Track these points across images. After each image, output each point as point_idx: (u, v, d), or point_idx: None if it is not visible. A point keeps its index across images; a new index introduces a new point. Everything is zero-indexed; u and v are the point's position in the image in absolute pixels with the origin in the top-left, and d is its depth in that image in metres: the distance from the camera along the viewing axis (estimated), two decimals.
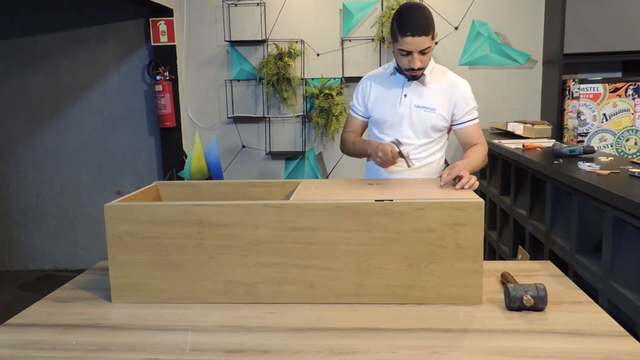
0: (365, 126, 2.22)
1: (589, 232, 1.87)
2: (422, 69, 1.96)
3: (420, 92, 2.03)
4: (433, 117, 2.02)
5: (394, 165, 1.97)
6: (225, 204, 1.55)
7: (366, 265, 1.52)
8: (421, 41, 1.87)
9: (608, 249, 1.62)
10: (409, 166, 1.93)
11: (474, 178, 1.75)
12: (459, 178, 1.75)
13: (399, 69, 2.03)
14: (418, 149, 2.05)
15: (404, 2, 1.90)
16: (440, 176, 1.85)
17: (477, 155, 1.99)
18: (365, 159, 2.20)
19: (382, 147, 1.89)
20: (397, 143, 1.94)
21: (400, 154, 1.91)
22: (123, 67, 4.02)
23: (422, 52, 1.91)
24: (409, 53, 1.90)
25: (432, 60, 2.04)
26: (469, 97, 2.04)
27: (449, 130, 2.12)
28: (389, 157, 1.88)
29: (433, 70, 2.05)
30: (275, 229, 1.53)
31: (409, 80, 2.03)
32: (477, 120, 2.08)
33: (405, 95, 2.04)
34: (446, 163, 2.15)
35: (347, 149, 2.20)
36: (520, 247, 2.54)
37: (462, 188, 1.72)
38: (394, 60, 2.07)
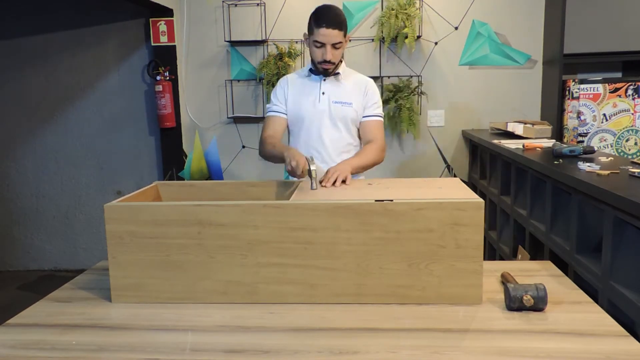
0: (285, 126, 2.26)
1: (589, 232, 1.87)
2: (333, 63, 2.12)
3: (336, 89, 2.20)
4: (351, 111, 2.18)
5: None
6: (225, 204, 1.55)
7: (366, 265, 1.52)
8: (334, 34, 2.04)
9: (608, 249, 1.62)
10: (312, 188, 1.79)
11: (336, 175, 1.88)
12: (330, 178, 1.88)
13: (313, 70, 2.20)
14: (340, 143, 2.18)
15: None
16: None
17: (367, 153, 2.13)
18: None
19: (297, 159, 1.87)
20: (311, 160, 1.84)
21: (310, 172, 1.81)
22: (123, 67, 4.02)
23: (335, 47, 2.08)
24: (322, 45, 2.07)
25: (344, 63, 2.24)
26: (376, 93, 2.23)
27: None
28: (299, 170, 1.86)
29: (345, 71, 2.24)
30: (275, 229, 1.53)
31: (323, 78, 2.19)
32: (379, 118, 2.23)
33: (323, 93, 2.19)
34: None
35: (266, 151, 2.16)
36: (520, 247, 2.55)
37: (325, 185, 1.84)
38: (308, 64, 2.24)
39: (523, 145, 2.66)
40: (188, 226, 1.55)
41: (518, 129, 3.16)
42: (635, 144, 3.17)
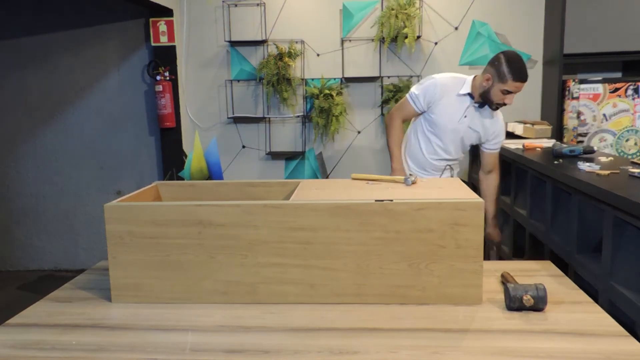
0: (413, 117, 2.58)
1: (589, 232, 1.87)
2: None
3: (476, 118, 2.43)
4: (474, 137, 2.47)
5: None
6: (225, 204, 1.55)
7: (366, 265, 1.52)
8: (523, 86, 2.27)
9: (608, 249, 1.62)
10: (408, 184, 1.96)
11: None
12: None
13: (472, 95, 2.38)
14: (451, 161, 2.54)
15: (508, 50, 2.38)
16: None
17: (496, 192, 2.59)
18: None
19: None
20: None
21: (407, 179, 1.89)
22: (123, 67, 4.02)
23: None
24: (509, 93, 2.26)
25: None
26: (504, 132, 2.51)
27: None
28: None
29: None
30: (275, 229, 1.53)
31: (474, 104, 2.40)
32: (499, 150, 2.55)
33: (465, 116, 2.41)
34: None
35: (392, 134, 2.49)
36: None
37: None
38: (467, 82, 2.41)
39: (523, 145, 2.66)
40: (188, 226, 1.55)
41: (518, 129, 3.16)
42: (635, 144, 3.16)
